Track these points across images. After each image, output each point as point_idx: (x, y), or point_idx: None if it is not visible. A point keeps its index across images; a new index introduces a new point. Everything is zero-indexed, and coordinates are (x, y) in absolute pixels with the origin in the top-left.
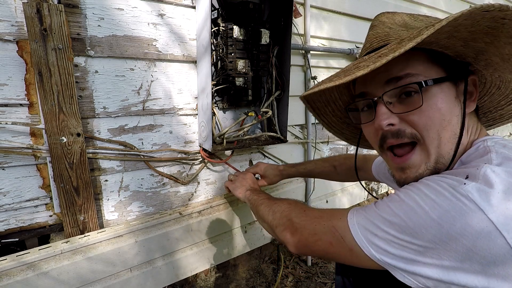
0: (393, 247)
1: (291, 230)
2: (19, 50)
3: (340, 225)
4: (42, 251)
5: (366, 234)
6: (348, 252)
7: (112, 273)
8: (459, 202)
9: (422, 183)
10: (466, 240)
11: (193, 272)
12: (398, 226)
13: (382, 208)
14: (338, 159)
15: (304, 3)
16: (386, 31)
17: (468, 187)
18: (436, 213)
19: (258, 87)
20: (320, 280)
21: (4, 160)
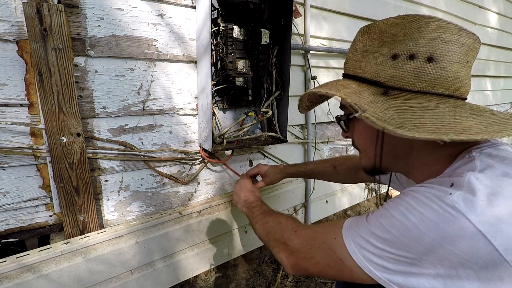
0: (390, 263)
1: (286, 253)
2: (19, 50)
3: (337, 247)
4: (42, 253)
5: (364, 253)
6: (348, 272)
7: (112, 275)
8: (446, 213)
9: (409, 195)
10: (456, 249)
11: (194, 273)
12: (392, 243)
13: (374, 225)
14: (338, 159)
15: (304, 3)
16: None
17: (453, 197)
18: (425, 226)
19: (258, 87)
20: (320, 280)
21: (4, 160)
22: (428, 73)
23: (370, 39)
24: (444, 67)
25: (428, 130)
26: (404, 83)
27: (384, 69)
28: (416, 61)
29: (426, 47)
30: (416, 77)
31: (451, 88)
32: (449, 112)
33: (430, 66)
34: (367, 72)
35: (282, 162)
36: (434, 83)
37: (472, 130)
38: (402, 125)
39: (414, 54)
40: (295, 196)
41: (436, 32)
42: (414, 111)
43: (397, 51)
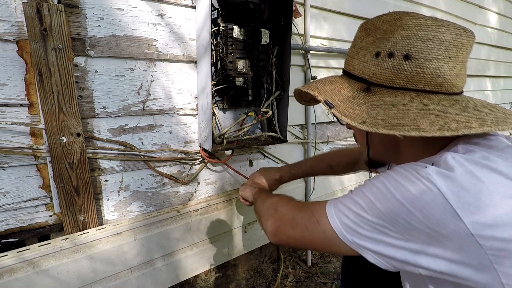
0: (363, 228)
1: (273, 218)
2: (19, 50)
3: (318, 210)
4: (42, 248)
5: (339, 215)
6: (322, 235)
7: (112, 273)
8: (420, 182)
9: (393, 169)
10: (427, 220)
11: (194, 273)
12: (368, 207)
13: (356, 192)
14: (333, 158)
15: (304, 3)
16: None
17: (428, 170)
18: (400, 194)
19: (258, 87)
20: (320, 280)
21: (4, 160)
22: (404, 70)
23: (366, 35)
24: (420, 64)
25: (385, 126)
26: (384, 80)
27: (368, 66)
28: (394, 59)
29: (403, 45)
30: (394, 74)
31: (431, 84)
32: (415, 109)
33: (407, 63)
34: (356, 69)
35: (282, 162)
36: (412, 79)
37: (427, 127)
38: (365, 120)
39: (393, 52)
40: (295, 196)
41: (413, 30)
42: (383, 108)
43: (379, 49)
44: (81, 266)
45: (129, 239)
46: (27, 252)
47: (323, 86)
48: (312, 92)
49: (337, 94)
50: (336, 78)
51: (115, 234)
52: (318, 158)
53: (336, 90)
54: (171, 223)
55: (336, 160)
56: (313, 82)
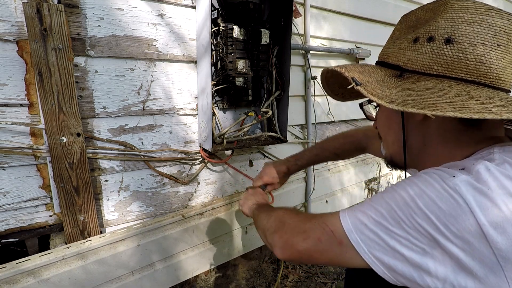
0: (381, 238)
1: (281, 231)
2: (19, 50)
3: (331, 219)
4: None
5: (357, 225)
6: (337, 247)
7: (113, 277)
8: (446, 193)
9: (417, 175)
10: (449, 233)
11: (194, 273)
12: (388, 215)
13: (375, 200)
14: (338, 146)
15: (304, 3)
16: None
17: (456, 180)
18: (423, 202)
19: (258, 87)
20: (320, 280)
21: (4, 160)
22: (444, 55)
23: (406, 27)
24: (463, 49)
25: (416, 106)
26: (420, 66)
27: (403, 52)
28: (434, 43)
29: (446, 29)
30: (433, 59)
31: (474, 74)
32: (453, 94)
33: (448, 48)
34: (390, 57)
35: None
36: (452, 66)
37: (464, 109)
38: (393, 100)
39: (433, 36)
40: (295, 196)
41: (459, 13)
42: (415, 90)
43: (419, 35)
44: (84, 273)
45: (133, 245)
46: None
47: (352, 67)
48: (339, 69)
49: (366, 75)
50: (368, 64)
51: (119, 240)
52: (322, 146)
53: (366, 72)
54: (175, 227)
55: (341, 148)
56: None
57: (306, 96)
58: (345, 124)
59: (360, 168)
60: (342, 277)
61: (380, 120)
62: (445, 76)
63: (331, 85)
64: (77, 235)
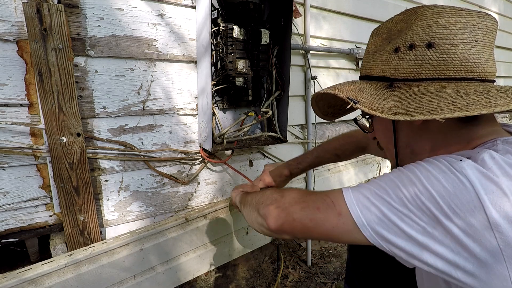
0: (381, 213)
1: (278, 202)
2: (19, 50)
3: (333, 192)
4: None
5: (359, 197)
6: (335, 217)
7: (115, 281)
8: (452, 174)
9: (424, 160)
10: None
11: (195, 274)
12: (392, 191)
13: (381, 177)
14: (338, 146)
15: (304, 3)
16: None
17: (463, 164)
18: (429, 182)
19: (258, 87)
20: (320, 280)
21: (4, 160)
22: (430, 59)
23: (380, 40)
24: (446, 50)
25: (421, 113)
26: (408, 73)
27: (388, 63)
28: (416, 50)
29: (424, 34)
30: (419, 65)
31: (461, 71)
32: (451, 93)
33: (431, 52)
34: (375, 70)
35: (282, 162)
36: (439, 68)
37: (470, 107)
38: (396, 111)
39: (413, 44)
40: None
41: (432, 18)
42: (413, 98)
43: (398, 45)
44: (86, 279)
45: (136, 249)
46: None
47: (343, 87)
48: (332, 91)
49: (359, 92)
50: (355, 80)
51: (122, 246)
52: (323, 148)
53: (358, 89)
54: (178, 230)
55: (342, 149)
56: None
57: (306, 96)
58: (345, 124)
59: (360, 168)
60: (342, 277)
61: (379, 131)
62: (435, 78)
63: (321, 107)
64: (77, 235)
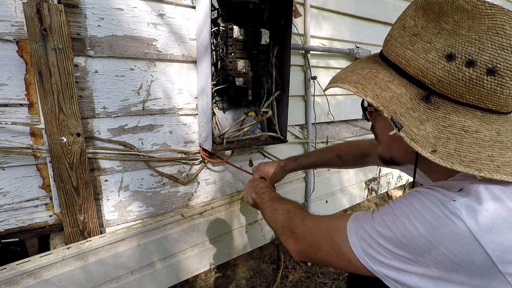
0: (386, 258)
1: (293, 240)
2: (19, 50)
3: (339, 238)
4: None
5: (363, 245)
6: (347, 263)
7: (113, 276)
8: (447, 219)
9: (415, 197)
10: (453, 255)
11: (194, 273)
12: (391, 240)
13: (378, 221)
14: (342, 148)
15: (304, 3)
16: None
17: (457, 204)
18: (425, 230)
19: (258, 87)
20: (320, 280)
21: (4, 160)
22: (483, 86)
23: (425, 19)
24: (503, 83)
25: (462, 162)
26: (451, 92)
27: (433, 69)
28: (474, 70)
29: (491, 56)
30: (468, 88)
31: (501, 105)
32: (490, 140)
33: (488, 79)
34: (411, 67)
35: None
36: (485, 98)
37: (507, 169)
38: (436, 149)
39: (474, 61)
40: (295, 196)
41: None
42: (452, 132)
43: (455, 51)
44: (84, 273)
45: (133, 244)
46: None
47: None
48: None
49: (397, 104)
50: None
51: (119, 240)
52: (326, 148)
53: (396, 99)
54: (175, 226)
55: (345, 150)
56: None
57: (306, 96)
58: (345, 124)
59: (360, 168)
60: (342, 277)
61: (379, 126)
62: (474, 106)
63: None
64: (77, 235)
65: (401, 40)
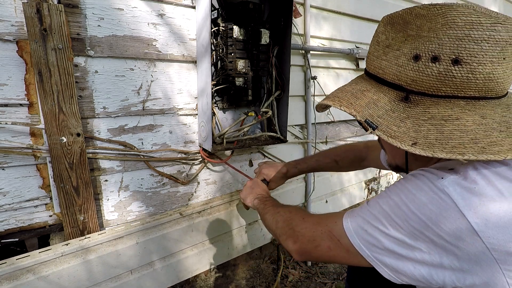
0: (380, 242)
1: (293, 238)
2: (19, 50)
3: (336, 229)
4: (42, 254)
5: (358, 231)
6: (345, 254)
7: (112, 275)
8: (435, 195)
9: (407, 179)
10: (441, 231)
11: (194, 273)
12: (385, 220)
13: (372, 205)
14: (339, 153)
15: (304, 3)
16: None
17: (444, 182)
18: (415, 206)
19: (258, 87)
20: (320, 280)
21: (4, 160)
22: (454, 77)
23: (393, 31)
24: (473, 69)
25: (444, 149)
26: (426, 88)
27: (405, 71)
28: (440, 64)
29: (452, 48)
30: (440, 81)
31: (482, 90)
32: (473, 124)
33: (456, 69)
34: (388, 74)
35: (282, 162)
36: (461, 87)
37: (494, 148)
38: (416, 141)
39: (438, 56)
40: (295, 196)
41: (464, 29)
42: (433, 123)
43: (419, 51)
44: (83, 270)
45: (131, 243)
46: (27, 259)
47: (356, 100)
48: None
49: (374, 108)
50: (364, 84)
51: (117, 238)
52: (324, 153)
53: (372, 104)
54: (173, 225)
55: (342, 155)
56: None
57: (306, 96)
58: (344, 124)
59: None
60: (342, 277)
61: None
62: (454, 96)
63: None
64: (77, 235)
65: (377, 53)
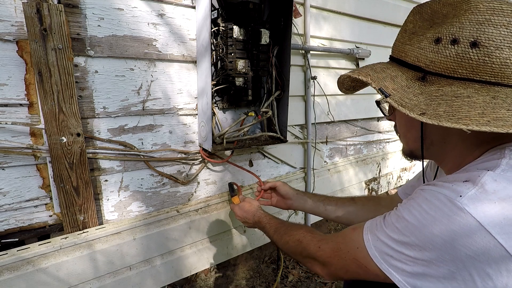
0: (408, 265)
1: (319, 266)
2: (19, 50)
3: (360, 256)
4: (42, 246)
5: (384, 257)
6: (375, 277)
7: (111, 270)
8: (456, 216)
9: (421, 198)
10: (467, 250)
11: (193, 271)
12: (408, 245)
13: (392, 230)
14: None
15: (304, 3)
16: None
17: (464, 200)
18: (437, 229)
19: (258, 87)
20: (320, 280)
21: (4, 160)
22: (470, 59)
23: (421, 20)
24: (490, 53)
25: (449, 119)
26: (443, 69)
27: (425, 53)
28: (458, 46)
29: (471, 31)
30: (457, 63)
31: (498, 76)
32: (483, 102)
33: (474, 51)
34: (409, 56)
35: (282, 162)
36: (477, 70)
37: (499, 122)
38: (424, 112)
39: (457, 39)
40: None
41: (485, 15)
42: (444, 99)
43: (440, 35)
44: (81, 263)
45: (129, 238)
46: (27, 250)
47: (375, 73)
48: (364, 78)
49: (390, 82)
50: (386, 64)
51: (115, 233)
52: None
53: (389, 78)
54: (172, 222)
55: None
56: (363, 67)
57: (306, 96)
58: (345, 124)
59: (360, 168)
60: None
61: (399, 118)
62: (469, 79)
63: (346, 83)
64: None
65: (402, 40)
